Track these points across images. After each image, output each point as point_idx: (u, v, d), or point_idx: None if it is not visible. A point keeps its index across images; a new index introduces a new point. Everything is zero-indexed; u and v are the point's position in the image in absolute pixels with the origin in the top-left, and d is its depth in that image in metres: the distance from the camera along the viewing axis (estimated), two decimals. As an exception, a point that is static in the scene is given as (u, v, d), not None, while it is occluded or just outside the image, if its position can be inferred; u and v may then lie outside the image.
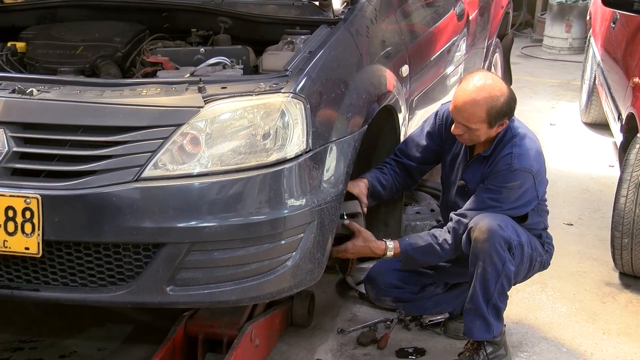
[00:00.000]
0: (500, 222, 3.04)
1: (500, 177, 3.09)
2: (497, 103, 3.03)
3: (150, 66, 3.25)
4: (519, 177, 3.07)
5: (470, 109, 3.04)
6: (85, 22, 3.69)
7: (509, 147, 3.11)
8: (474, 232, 3.04)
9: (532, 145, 3.14)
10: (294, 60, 2.95)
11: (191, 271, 2.69)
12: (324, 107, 2.89)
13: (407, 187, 3.49)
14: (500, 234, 3.02)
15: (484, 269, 3.05)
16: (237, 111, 2.72)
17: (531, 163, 3.09)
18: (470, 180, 3.23)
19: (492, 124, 3.06)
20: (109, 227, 2.63)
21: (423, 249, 3.17)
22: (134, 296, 2.71)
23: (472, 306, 3.11)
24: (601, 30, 5.73)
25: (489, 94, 3.03)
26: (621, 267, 4.04)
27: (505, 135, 3.14)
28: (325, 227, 2.86)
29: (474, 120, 3.05)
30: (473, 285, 3.08)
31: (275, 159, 2.70)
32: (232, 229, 2.66)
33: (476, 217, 3.06)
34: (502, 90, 3.07)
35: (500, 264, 3.04)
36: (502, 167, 3.08)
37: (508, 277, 3.08)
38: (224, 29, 3.54)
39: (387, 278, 3.43)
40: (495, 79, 3.12)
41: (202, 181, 2.65)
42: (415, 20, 3.92)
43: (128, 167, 2.63)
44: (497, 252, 3.02)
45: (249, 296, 2.79)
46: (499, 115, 3.05)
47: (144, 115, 2.68)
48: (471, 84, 3.07)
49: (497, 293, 3.08)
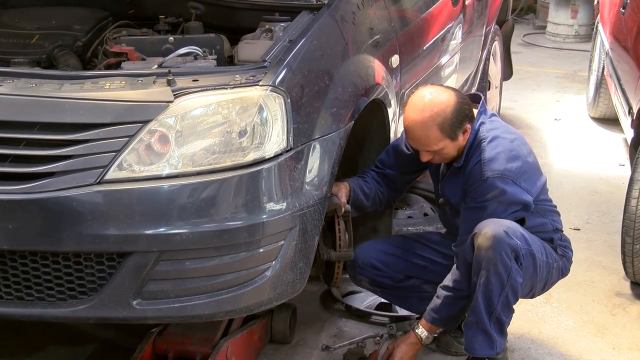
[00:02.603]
0: (507, 227, 3.05)
1: (477, 190, 3.11)
2: (446, 115, 3.06)
3: (114, 57, 3.25)
4: (495, 184, 3.08)
5: (423, 134, 3.08)
6: (41, 8, 3.69)
7: (477, 154, 3.13)
8: (477, 239, 3.05)
9: (503, 145, 3.13)
10: (272, 50, 2.96)
11: (160, 283, 2.69)
12: (306, 101, 2.89)
13: (392, 199, 3.51)
14: (506, 242, 3.03)
15: (488, 279, 3.05)
16: (210, 106, 2.73)
17: (505, 166, 3.09)
18: (451, 196, 3.27)
19: (453, 137, 3.10)
20: (69, 234, 2.62)
21: (445, 305, 3.21)
22: (96, 311, 2.71)
23: (474, 319, 3.13)
24: (610, 16, 5.77)
25: (432, 110, 3.06)
26: (632, 276, 4.06)
27: (474, 141, 3.16)
28: (308, 233, 2.86)
29: (432, 143, 3.09)
30: (475, 297, 3.10)
31: (252, 158, 2.71)
32: (205, 236, 2.66)
33: (481, 223, 3.07)
34: (447, 100, 3.09)
35: (505, 274, 3.05)
36: (476, 178, 3.10)
37: (514, 289, 3.09)
38: (195, 16, 3.54)
39: (367, 256, 3.41)
40: (436, 92, 3.13)
41: (171, 183, 2.65)
42: (406, 5, 3.94)
43: (90, 169, 2.63)
44: (503, 261, 3.03)
45: (224, 310, 2.79)
46: (454, 125, 3.08)
47: (107, 111, 2.68)
48: (413, 109, 3.11)
49: (500, 306, 3.09)
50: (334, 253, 3.21)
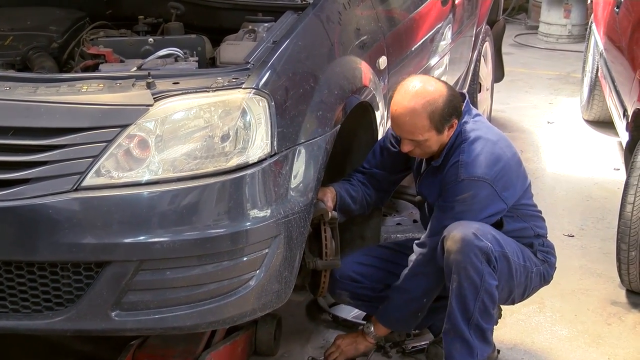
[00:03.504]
0: (476, 230, 3.05)
1: (450, 190, 3.13)
2: (437, 105, 3.08)
3: (91, 59, 3.24)
4: (469, 187, 3.10)
5: (410, 121, 3.09)
6: (15, 9, 3.68)
7: (456, 155, 3.14)
8: (446, 242, 3.07)
9: (485, 148, 3.14)
10: (256, 51, 2.96)
11: (140, 293, 2.69)
12: (290, 104, 2.90)
13: (379, 200, 3.52)
14: (474, 244, 3.03)
15: (460, 283, 3.06)
16: (192, 110, 2.73)
17: (483, 170, 3.10)
18: (428, 195, 3.30)
19: (440, 129, 3.11)
20: (45, 243, 2.62)
21: (397, 306, 3.27)
22: (74, 323, 2.71)
23: (450, 326, 3.13)
24: (604, 16, 5.80)
25: (425, 99, 3.08)
26: (628, 283, 4.08)
27: (455, 140, 3.18)
28: (293, 241, 2.86)
29: (419, 132, 3.10)
30: (449, 303, 3.11)
31: (235, 164, 2.71)
32: (186, 244, 2.66)
33: (450, 226, 3.09)
34: (439, 91, 3.11)
35: (477, 277, 3.05)
36: (451, 179, 3.12)
37: (489, 293, 3.09)
38: (175, 16, 3.54)
39: (345, 269, 3.40)
40: (428, 81, 3.17)
41: (151, 190, 2.65)
42: (394, 5, 3.95)
43: (66, 175, 2.62)
44: (472, 264, 3.04)
45: (206, 321, 2.79)
46: (444, 117, 3.10)
47: (84, 115, 2.68)
48: (404, 94, 3.12)
49: (478, 312, 3.09)
50: (321, 261, 3.21)
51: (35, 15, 3.54)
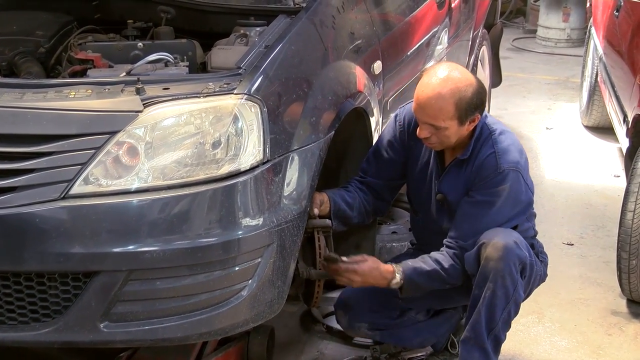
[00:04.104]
0: (516, 238, 3.07)
1: (489, 183, 3.12)
2: (465, 94, 3.07)
3: (79, 64, 3.24)
4: (508, 178, 3.11)
5: (436, 104, 3.06)
6: (1, 13, 3.67)
7: (489, 146, 3.15)
8: (485, 249, 3.05)
9: (513, 138, 3.20)
10: (248, 56, 2.96)
11: (129, 304, 2.68)
12: (283, 110, 2.90)
13: (379, 210, 3.50)
14: (516, 253, 3.05)
15: (494, 292, 3.06)
16: (182, 116, 2.73)
17: (517, 159, 3.14)
18: (449, 192, 3.25)
19: (462, 120, 3.09)
20: (32, 253, 2.61)
21: (429, 274, 3.17)
22: (61, 334, 2.70)
23: (473, 335, 3.12)
24: (603, 20, 5.81)
25: (455, 85, 3.07)
26: (629, 293, 4.08)
27: (481, 132, 3.18)
28: (286, 250, 2.86)
29: (442, 117, 3.07)
30: (477, 311, 3.10)
31: (227, 171, 2.71)
32: (177, 253, 2.66)
33: (488, 233, 3.08)
34: (470, 80, 3.11)
35: (512, 287, 3.06)
36: (489, 170, 3.12)
37: (516, 304, 3.11)
38: (165, 20, 3.54)
39: (363, 301, 3.42)
40: (460, 69, 3.17)
41: (141, 198, 2.65)
42: (389, 8, 3.96)
43: (54, 183, 2.62)
44: (511, 273, 3.04)
45: (197, 332, 2.78)
46: (469, 108, 3.08)
47: (71, 122, 2.67)
48: (434, 77, 3.10)
49: (501, 322, 3.11)
50: (314, 271, 3.20)
51: (21, 19, 3.54)
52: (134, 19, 3.58)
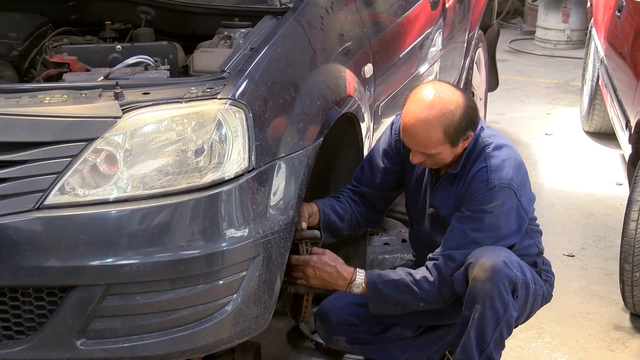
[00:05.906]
0: (505, 257, 3.07)
1: (478, 199, 3.11)
2: (453, 118, 3.06)
3: (55, 67, 3.24)
4: (499, 195, 3.10)
5: (424, 133, 3.06)
6: (-28, 14, 3.67)
7: (481, 160, 3.14)
8: (473, 269, 3.06)
9: (509, 154, 3.17)
10: (232, 59, 2.97)
11: (108, 320, 2.68)
12: (269, 116, 2.90)
13: (372, 221, 3.51)
14: (505, 273, 3.04)
15: (482, 313, 3.06)
16: (163, 122, 2.73)
17: (511, 176, 3.12)
18: (441, 206, 3.26)
19: (454, 143, 3.09)
20: (4, 267, 2.60)
21: (396, 284, 3.16)
22: (36, 352, 2.69)
23: (464, 357, 3.13)
24: (604, 20, 5.83)
25: (440, 111, 3.05)
26: (632, 307, 4.10)
27: (475, 146, 3.17)
28: (273, 262, 2.87)
29: (431, 145, 3.08)
30: (467, 333, 3.11)
31: (210, 180, 2.71)
32: (158, 267, 2.65)
33: (476, 252, 3.08)
34: (457, 102, 3.09)
35: (502, 309, 3.07)
36: (478, 185, 3.11)
37: (508, 325, 3.12)
38: (145, 21, 3.54)
39: (341, 312, 3.42)
40: (445, 90, 3.13)
41: (120, 209, 2.65)
42: (380, 9, 3.97)
43: (27, 193, 2.61)
44: (500, 294, 3.05)
45: (179, 349, 2.78)
46: (460, 130, 3.08)
47: (46, 129, 2.67)
48: (418, 103, 3.09)
49: (493, 342, 3.11)
50: (302, 285, 3.21)
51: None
52: (112, 20, 3.58)
